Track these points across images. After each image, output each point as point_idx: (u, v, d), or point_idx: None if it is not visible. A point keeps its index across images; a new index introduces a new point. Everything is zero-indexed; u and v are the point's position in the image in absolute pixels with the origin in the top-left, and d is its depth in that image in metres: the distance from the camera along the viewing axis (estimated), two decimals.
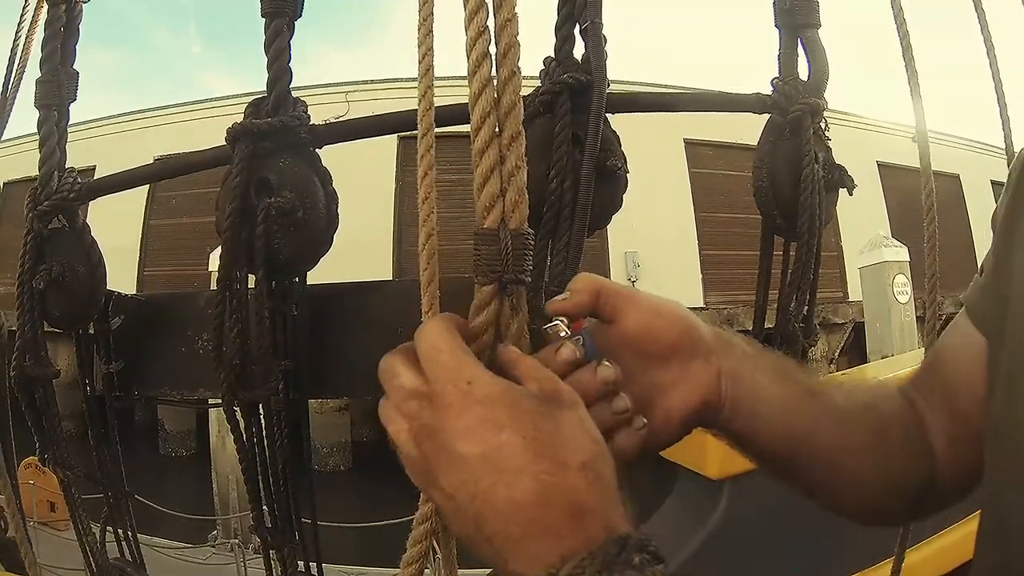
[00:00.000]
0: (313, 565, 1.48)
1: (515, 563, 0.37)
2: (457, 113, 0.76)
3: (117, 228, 14.16)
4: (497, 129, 0.46)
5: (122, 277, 15.13)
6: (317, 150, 1.21)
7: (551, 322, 0.47)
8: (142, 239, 15.88)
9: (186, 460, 13.25)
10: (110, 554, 1.65)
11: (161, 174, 1.23)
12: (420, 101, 0.50)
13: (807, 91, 1.09)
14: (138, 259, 15.87)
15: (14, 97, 1.37)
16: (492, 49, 0.46)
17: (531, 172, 1.18)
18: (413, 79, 0.55)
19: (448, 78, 0.64)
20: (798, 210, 1.10)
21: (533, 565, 0.36)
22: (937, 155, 1.43)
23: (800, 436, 0.52)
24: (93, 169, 16.87)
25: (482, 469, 0.38)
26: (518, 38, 0.46)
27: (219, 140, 1.11)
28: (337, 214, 1.27)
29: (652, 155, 13.79)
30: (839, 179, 1.08)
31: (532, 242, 0.48)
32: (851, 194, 1.07)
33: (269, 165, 1.07)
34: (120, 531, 1.63)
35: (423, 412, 0.40)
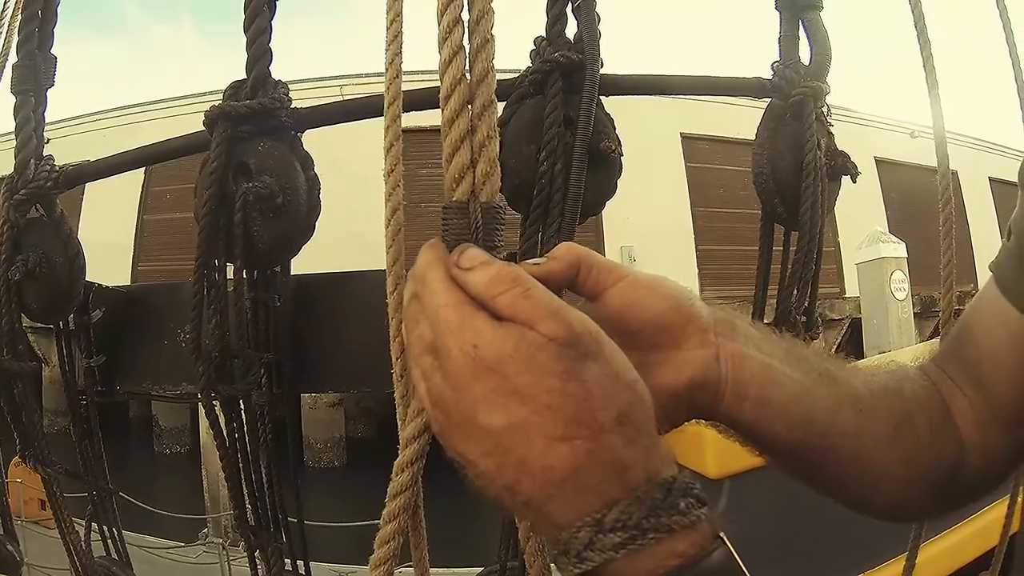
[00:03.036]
0: (301, 565, 1.44)
1: (554, 518, 0.35)
2: (433, 94, 0.72)
3: (111, 223, 14.07)
4: (468, 98, 0.42)
5: (116, 272, 15.02)
6: (300, 135, 1.17)
7: None
8: (136, 234, 15.79)
9: (180, 457, 13.16)
10: (97, 552, 1.62)
11: (141, 161, 1.18)
12: (387, 69, 0.47)
13: (809, 74, 1.05)
14: (132, 254, 15.80)
15: None
16: (465, 16, 0.42)
17: (521, 155, 1.16)
18: (407, 72, 0.51)
19: (430, 72, 0.59)
20: (800, 198, 1.06)
21: (574, 516, 0.35)
22: (935, 152, 1.40)
23: (820, 425, 0.46)
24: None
25: (510, 441, 0.35)
26: (492, 4, 0.42)
27: None
28: (319, 200, 1.22)
29: (649, 149, 13.73)
30: (842, 166, 1.04)
31: (503, 215, 0.44)
32: (854, 181, 1.03)
33: (248, 149, 1.02)
34: (106, 529, 1.60)
35: (435, 374, 0.37)
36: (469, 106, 0.43)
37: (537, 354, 0.34)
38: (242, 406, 1.33)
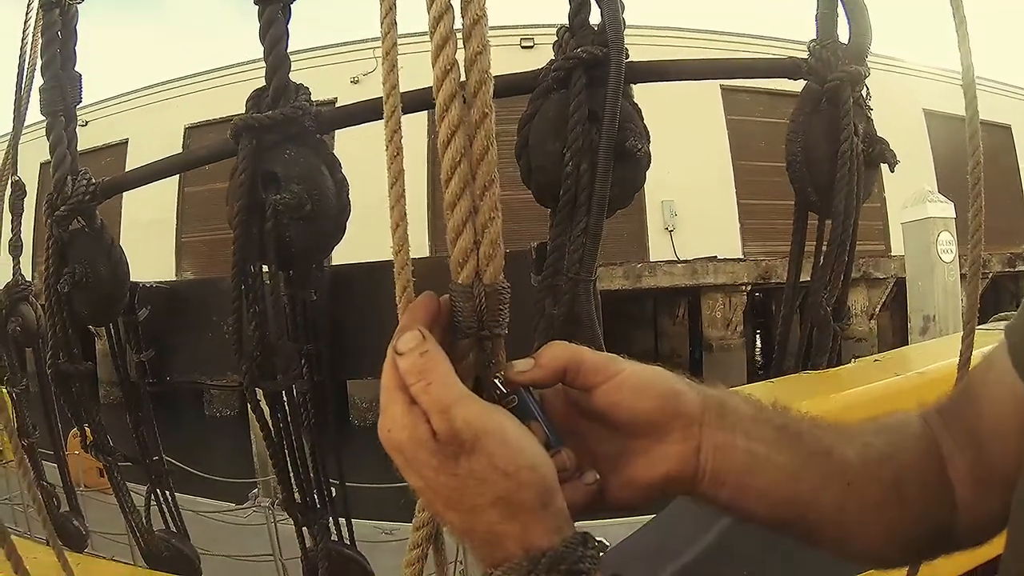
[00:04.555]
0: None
1: (477, 558, 0.44)
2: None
3: (153, 199, 14.43)
4: (470, 177, 0.41)
5: (161, 247, 15.48)
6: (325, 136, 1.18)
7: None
8: (178, 207, 16.18)
9: (230, 419, 13.74)
10: (156, 524, 1.73)
11: (171, 170, 1.21)
12: (384, 83, 0.47)
13: (848, 57, 1.00)
14: (175, 227, 16.23)
15: (28, 94, 1.36)
16: (461, 73, 0.42)
17: (546, 152, 1.14)
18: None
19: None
20: (834, 187, 1.02)
21: (482, 563, 0.43)
22: (987, 104, 1.30)
23: (804, 502, 0.48)
24: (126, 143, 17.11)
25: (423, 497, 0.44)
26: (490, 72, 0.41)
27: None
28: (348, 201, 1.23)
29: (688, 102, 13.26)
30: (880, 154, 0.99)
31: (507, 296, 0.45)
32: (892, 171, 0.99)
33: (274, 158, 1.04)
34: (164, 502, 1.69)
35: None
36: (471, 183, 0.43)
37: (420, 449, 0.41)
38: (284, 398, 1.38)
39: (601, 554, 0.42)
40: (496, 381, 0.45)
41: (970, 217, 0.79)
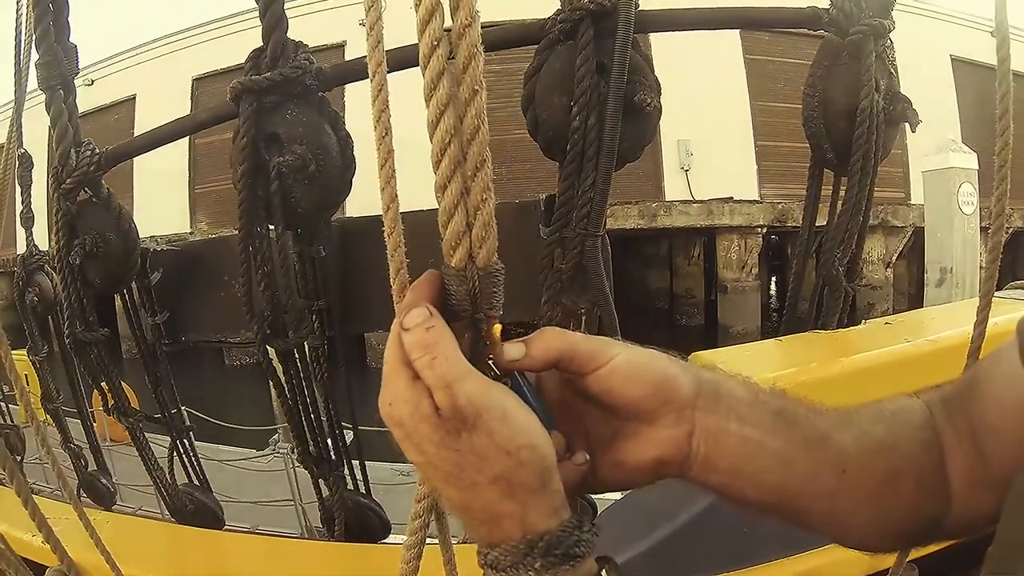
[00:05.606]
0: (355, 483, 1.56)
1: (472, 536, 0.44)
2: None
3: (165, 152, 14.34)
4: (461, 157, 0.40)
5: (175, 198, 15.50)
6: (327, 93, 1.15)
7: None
8: (190, 158, 16.12)
9: (250, 367, 14.01)
10: (181, 478, 1.78)
11: (173, 135, 1.20)
12: (369, 60, 0.45)
13: (871, 8, 0.94)
14: (188, 178, 16.20)
15: (28, 66, 1.34)
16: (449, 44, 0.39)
17: (552, 106, 1.11)
18: None
19: None
20: (851, 145, 0.99)
21: (479, 541, 0.43)
22: (1014, 53, 1.25)
23: (795, 489, 0.48)
24: (134, 98, 16.90)
25: (423, 472, 0.44)
26: (480, 47, 0.39)
27: None
28: (353, 158, 1.21)
29: (705, 41, 12.79)
30: (901, 112, 0.95)
31: (501, 277, 0.44)
32: (914, 131, 0.95)
33: (276, 119, 1.02)
34: (184, 453, 1.74)
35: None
36: (462, 164, 0.42)
37: (422, 423, 0.41)
38: (296, 355, 1.40)
39: (596, 536, 0.42)
40: (489, 362, 0.45)
41: (994, 201, 0.76)
